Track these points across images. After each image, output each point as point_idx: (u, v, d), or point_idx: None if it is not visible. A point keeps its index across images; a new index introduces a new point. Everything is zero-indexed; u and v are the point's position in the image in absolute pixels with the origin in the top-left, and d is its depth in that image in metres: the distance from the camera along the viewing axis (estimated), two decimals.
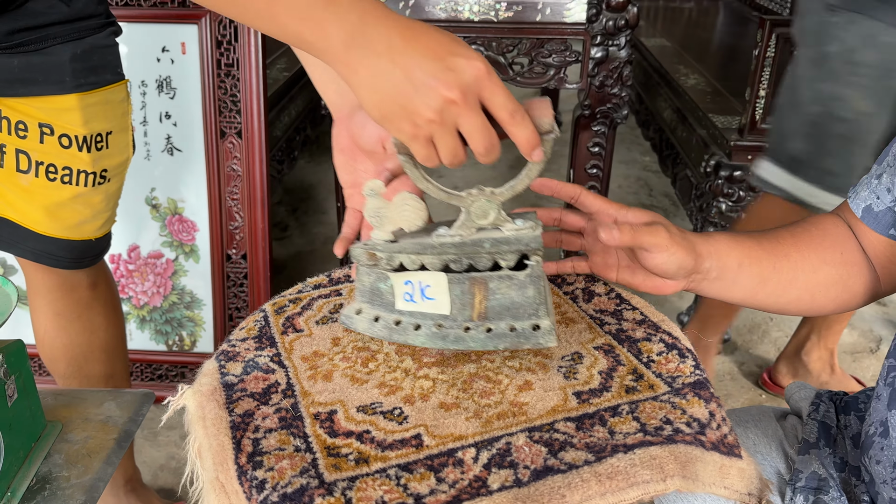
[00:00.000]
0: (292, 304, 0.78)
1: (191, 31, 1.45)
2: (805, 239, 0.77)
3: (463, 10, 1.57)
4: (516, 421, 0.60)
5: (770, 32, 1.47)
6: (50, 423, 0.91)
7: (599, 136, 1.68)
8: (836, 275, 0.77)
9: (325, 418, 0.61)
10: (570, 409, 0.61)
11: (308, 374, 0.67)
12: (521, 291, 0.64)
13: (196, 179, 1.52)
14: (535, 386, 0.64)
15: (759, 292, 0.75)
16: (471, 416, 0.61)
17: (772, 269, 0.74)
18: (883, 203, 0.75)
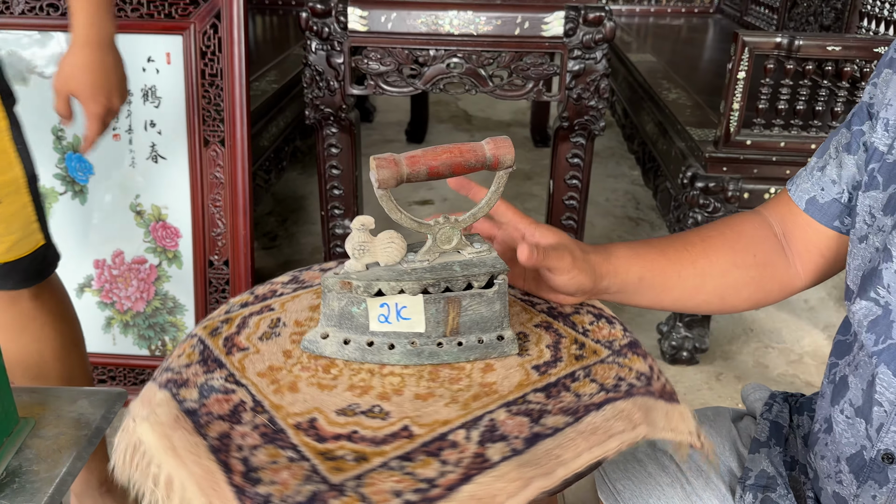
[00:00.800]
0: (226, 325, 0.75)
1: (176, 42, 1.49)
2: (716, 243, 0.79)
3: (443, 24, 1.60)
4: (491, 399, 0.63)
5: (743, 47, 1.51)
6: (23, 419, 0.93)
7: (578, 147, 1.72)
8: (748, 277, 0.79)
9: (308, 427, 0.60)
10: (534, 382, 0.66)
11: (272, 388, 0.65)
12: (490, 307, 0.69)
13: (180, 187, 1.55)
14: (496, 366, 0.68)
15: (665, 298, 0.79)
16: (448, 401, 0.63)
17: (676, 278, 0.78)
18: (828, 195, 0.76)
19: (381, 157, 0.65)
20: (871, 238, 0.68)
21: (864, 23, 2.21)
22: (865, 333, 0.67)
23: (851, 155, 0.74)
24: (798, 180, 0.80)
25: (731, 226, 0.81)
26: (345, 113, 1.71)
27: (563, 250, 0.70)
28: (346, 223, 1.87)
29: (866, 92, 0.74)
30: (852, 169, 0.74)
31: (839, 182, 0.75)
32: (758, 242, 0.79)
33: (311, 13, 1.60)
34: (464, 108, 4.02)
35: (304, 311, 0.77)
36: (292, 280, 0.83)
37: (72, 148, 1.56)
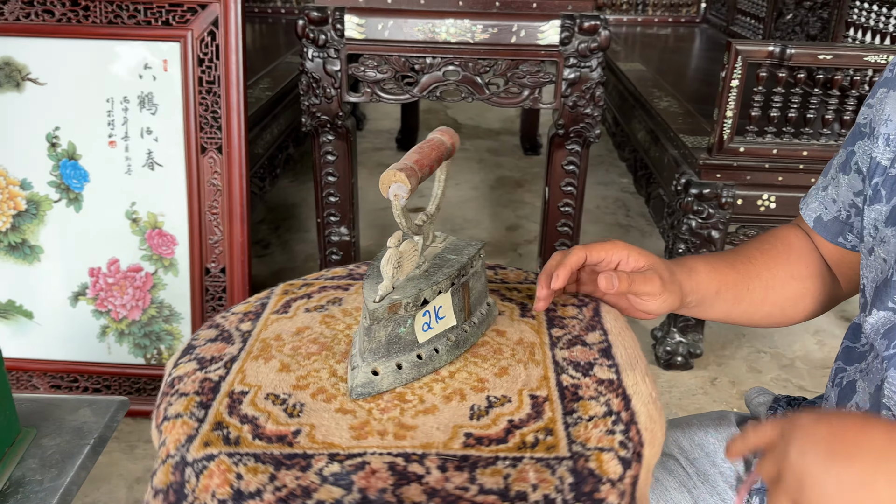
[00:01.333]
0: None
1: (173, 49, 1.49)
2: (773, 256, 0.81)
3: (440, 32, 1.61)
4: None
5: (736, 55, 1.53)
6: (25, 428, 0.92)
7: (573, 154, 1.73)
8: (804, 288, 0.81)
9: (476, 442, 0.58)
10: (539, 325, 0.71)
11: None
12: (479, 280, 0.74)
13: (176, 194, 1.54)
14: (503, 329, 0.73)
15: (734, 312, 0.81)
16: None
17: (745, 291, 0.79)
18: (830, 213, 0.79)
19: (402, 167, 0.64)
20: (876, 250, 0.70)
21: (850, 32, 2.25)
22: (880, 340, 0.68)
23: (846, 175, 0.77)
24: (808, 199, 0.83)
25: (781, 239, 0.83)
26: (341, 120, 1.71)
27: (651, 274, 0.71)
28: (342, 230, 1.86)
29: (861, 113, 0.76)
30: (846, 189, 0.77)
31: (837, 201, 0.78)
32: (807, 254, 0.82)
33: (307, 21, 1.60)
34: (453, 116, 4.03)
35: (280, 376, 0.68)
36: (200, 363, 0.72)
37: (66, 155, 1.55)
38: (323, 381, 0.66)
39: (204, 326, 0.75)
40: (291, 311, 0.77)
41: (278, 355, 0.69)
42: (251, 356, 0.69)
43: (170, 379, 0.67)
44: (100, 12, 1.49)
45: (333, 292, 0.81)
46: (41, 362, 1.61)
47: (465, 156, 3.40)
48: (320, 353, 0.70)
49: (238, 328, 0.74)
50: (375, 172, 3.15)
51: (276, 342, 0.71)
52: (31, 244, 1.58)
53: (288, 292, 0.81)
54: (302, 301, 0.79)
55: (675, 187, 1.72)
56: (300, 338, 0.72)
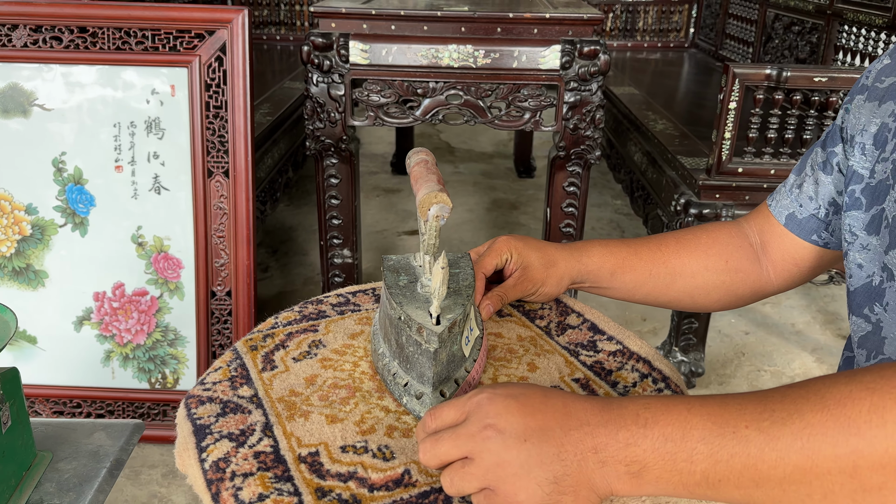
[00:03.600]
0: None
1: (181, 74, 1.50)
2: (690, 246, 0.84)
3: (443, 57, 1.64)
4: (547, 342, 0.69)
5: (734, 78, 1.56)
6: (40, 452, 0.92)
7: (574, 176, 1.75)
8: (719, 280, 0.84)
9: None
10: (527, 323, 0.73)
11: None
12: None
13: (183, 218, 1.55)
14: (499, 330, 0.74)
15: (636, 293, 0.85)
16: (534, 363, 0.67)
17: (647, 275, 0.83)
18: (806, 211, 0.79)
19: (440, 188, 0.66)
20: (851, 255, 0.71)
21: (839, 55, 2.30)
22: (857, 349, 0.69)
23: (827, 175, 0.77)
24: (778, 196, 0.84)
25: (708, 231, 0.86)
26: (345, 144, 1.73)
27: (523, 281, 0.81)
28: (344, 252, 1.87)
29: (839, 116, 0.77)
30: (829, 187, 0.77)
31: (815, 199, 0.79)
32: (731, 250, 0.84)
33: (312, 46, 1.63)
34: (446, 140, 4.07)
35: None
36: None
37: (73, 180, 1.55)
38: (385, 419, 0.65)
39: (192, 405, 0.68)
40: (280, 366, 0.73)
41: (314, 409, 0.66)
42: (285, 418, 0.65)
43: (211, 465, 0.60)
44: (108, 38, 1.50)
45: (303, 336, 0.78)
46: (45, 388, 1.61)
47: (460, 179, 3.42)
48: (354, 395, 0.68)
49: (239, 396, 0.69)
50: (371, 196, 3.17)
51: (297, 398, 0.68)
52: (36, 269, 1.58)
53: (257, 348, 0.76)
54: (280, 352, 0.75)
55: (675, 208, 1.75)
56: (319, 387, 0.69)
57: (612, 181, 3.14)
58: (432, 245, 0.68)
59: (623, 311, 2.19)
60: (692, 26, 3.51)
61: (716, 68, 3.09)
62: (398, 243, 2.70)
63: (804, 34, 2.54)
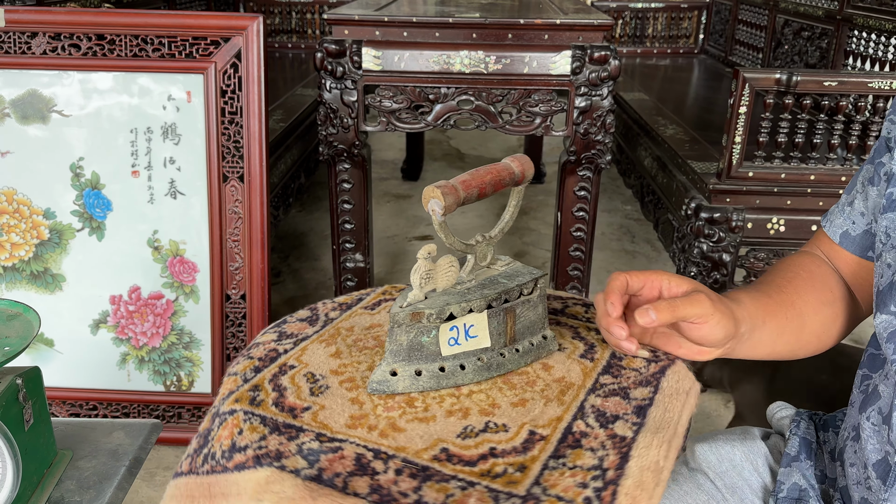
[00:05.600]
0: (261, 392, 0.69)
1: (196, 81, 1.53)
2: (799, 284, 0.81)
3: (454, 63, 1.66)
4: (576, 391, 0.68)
5: (744, 83, 1.57)
6: (61, 451, 0.93)
7: (585, 180, 1.77)
8: (833, 312, 0.82)
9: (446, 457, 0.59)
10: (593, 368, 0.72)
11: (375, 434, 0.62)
12: (535, 310, 0.74)
13: (198, 222, 1.57)
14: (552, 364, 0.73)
15: (778, 344, 0.78)
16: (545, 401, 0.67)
17: (785, 320, 0.78)
18: (859, 227, 0.81)
19: (441, 185, 0.68)
20: (884, 255, 0.72)
21: (849, 60, 2.31)
22: (886, 344, 0.70)
23: (874, 186, 0.79)
24: (831, 216, 0.85)
25: (802, 266, 0.83)
26: (357, 149, 1.75)
27: (699, 295, 0.67)
28: (357, 257, 1.89)
29: (884, 127, 0.79)
30: (876, 199, 0.78)
31: (867, 213, 0.80)
32: (827, 279, 0.83)
33: (326, 53, 1.65)
34: (456, 146, 4.09)
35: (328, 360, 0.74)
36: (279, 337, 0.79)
37: (90, 185, 1.58)
38: (358, 371, 0.71)
39: (305, 308, 0.82)
40: (377, 310, 0.82)
41: (340, 343, 0.75)
42: (320, 339, 0.75)
43: (252, 343, 0.75)
44: (125, 46, 1.53)
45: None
46: (61, 390, 1.63)
47: None
48: (373, 349, 0.74)
49: (328, 315, 0.80)
50: (382, 202, 3.19)
51: (346, 331, 0.77)
52: (53, 273, 1.61)
53: (386, 293, 0.87)
54: (390, 303, 0.83)
55: (686, 212, 1.75)
56: (367, 332, 0.77)
57: (622, 186, 3.14)
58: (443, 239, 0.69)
59: None
60: (702, 32, 3.52)
61: (725, 74, 3.09)
62: (409, 248, 2.72)
63: (814, 39, 2.54)
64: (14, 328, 0.85)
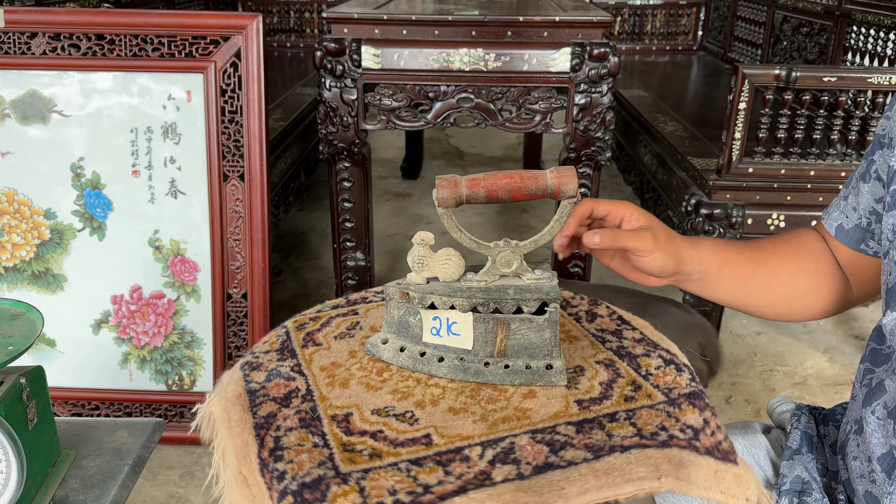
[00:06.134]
0: (312, 322, 0.84)
1: (196, 80, 1.53)
2: (784, 249, 0.85)
3: (454, 61, 1.66)
4: (520, 424, 0.65)
5: (743, 79, 1.57)
6: (64, 450, 0.94)
7: (585, 177, 1.77)
8: (811, 283, 0.84)
9: (342, 419, 0.66)
10: (571, 415, 0.66)
11: (326, 381, 0.72)
12: (539, 334, 0.71)
13: (199, 221, 1.57)
14: (539, 394, 0.69)
15: (738, 293, 0.84)
16: (477, 419, 0.66)
17: (750, 275, 0.83)
18: (851, 221, 0.82)
19: (443, 177, 0.68)
20: (891, 253, 0.73)
21: (848, 56, 2.31)
22: None
23: (866, 183, 0.80)
24: (830, 209, 0.87)
25: (796, 237, 0.87)
26: (357, 148, 1.75)
27: (643, 232, 0.74)
28: (357, 255, 1.89)
29: (879, 124, 0.80)
30: (867, 196, 0.80)
31: (858, 209, 0.82)
32: (819, 253, 0.85)
33: (325, 52, 1.65)
34: (455, 144, 4.09)
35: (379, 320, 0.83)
36: (382, 290, 0.90)
37: (91, 185, 1.58)
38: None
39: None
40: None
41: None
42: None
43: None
44: (125, 45, 1.53)
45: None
46: (63, 390, 1.63)
47: None
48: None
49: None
50: (382, 201, 3.19)
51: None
52: (55, 273, 1.61)
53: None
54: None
55: (686, 208, 1.76)
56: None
57: (622, 184, 3.14)
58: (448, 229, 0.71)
59: None
60: (700, 29, 3.52)
61: (724, 70, 3.09)
62: (409, 247, 2.72)
63: (812, 35, 2.54)
64: (17, 328, 0.85)
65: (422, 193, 3.30)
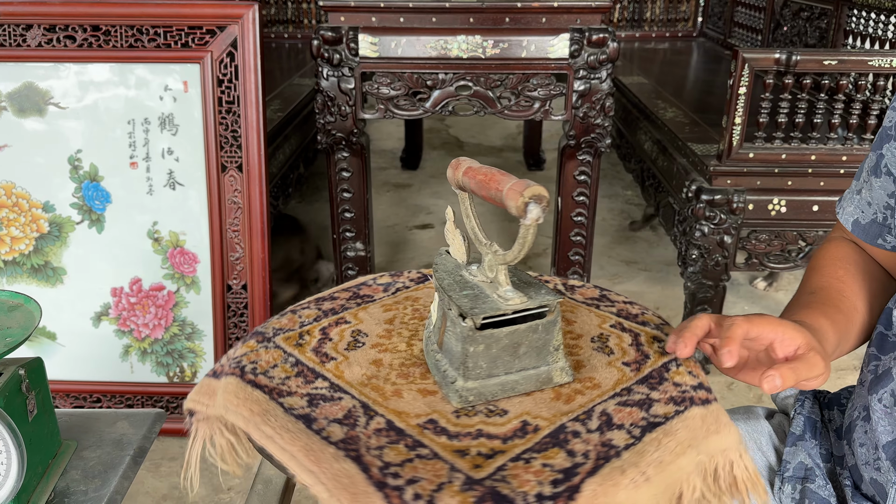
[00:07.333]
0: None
1: (193, 70, 1.52)
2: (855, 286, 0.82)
3: (452, 48, 1.65)
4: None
5: (743, 63, 1.56)
6: (65, 442, 0.93)
7: (585, 164, 1.76)
8: (881, 301, 0.83)
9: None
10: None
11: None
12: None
13: (198, 213, 1.57)
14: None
15: (844, 348, 0.81)
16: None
17: (850, 327, 0.80)
18: (867, 216, 0.81)
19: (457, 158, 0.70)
20: None
21: (849, 40, 2.29)
22: None
23: (878, 178, 0.79)
24: (843, 203, 0.85)
25: (847, 260, 0.84)
26: (356, 137, 1.75)
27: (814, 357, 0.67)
28: (357, 245, 1.89)
29: (887, 116, 0.79)
30: (879, 192, 0.79)
31: (872, 204, 0.81)
32: (871, 268, 0.84)
33: (322, 41, 1.64)
34: (455, 134, 4.07)
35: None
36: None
37: (88, 177, 1.57)
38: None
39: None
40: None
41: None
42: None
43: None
44: (120, 36, 1.52)
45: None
46: (65, 383, 1.63)
47: None
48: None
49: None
50: (381, 191, 3.18)
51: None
52: (54, 266, 1.61)
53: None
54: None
55: (686, 194, 1.75)
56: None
57: (622, 172, 3.14)
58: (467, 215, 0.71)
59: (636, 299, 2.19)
60: (700, 15, 3.50)
61: (724, 56, 3.08)
62: (410, 237, 2.71)
63: (813, 20, 2.53)
64: (15, 319, 0.85)
65: (422, 184, 3.29)
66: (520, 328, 0.64)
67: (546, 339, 0.66)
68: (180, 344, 1.62)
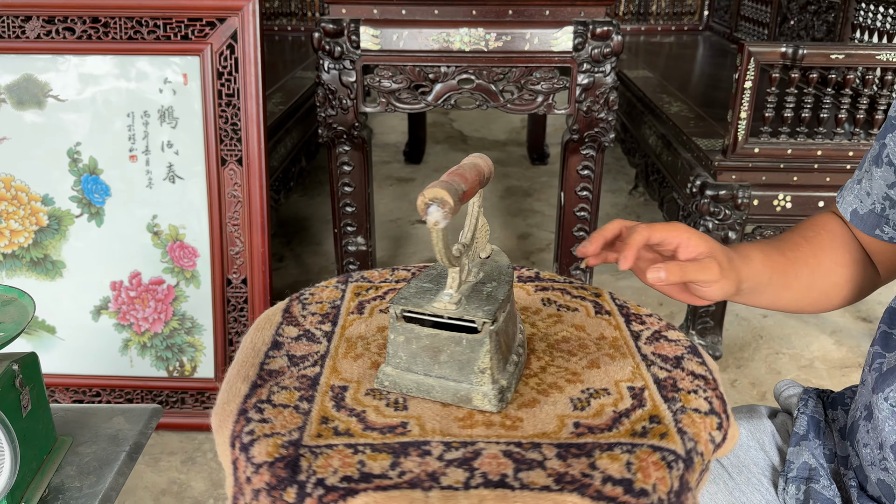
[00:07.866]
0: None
1: (193, 63, 1.50)
2: (818, 243, 0.82)
3: (454, 41, 1.63)
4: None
5: (749, 57, 1.54)
6: (60, 437, 0.93)
7: (588, 159, 1.74)
8: (847, 274, 0.82)
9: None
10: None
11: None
12: None
13: (197, 206, 1.56)
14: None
15: (782, 298, 0.81)
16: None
17: (794, 277, 0.80)
18: (865, 206, 0.80)
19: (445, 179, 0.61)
20: None
21: (856, 34, 2.27)
22: None
23: (879, 168, 0.78)
24: (844, 192, 0.84)
25: (824, 226, 0.84)
26: (357, 131, 1.73)
27: (709, 262, 0.70)
28: (358, 240, 1.88)
29: (893, 106, 0.77)
30: (879, 182, 0.78)
31: (872, 194, 0.79)
32: (848, 241, 0.83)
33: (323, 33, 1.62)
34: (459, 128, 4.05)
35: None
36: None
37: (88, 170, 1.56)
38: None
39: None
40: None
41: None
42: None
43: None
44: (119, 28, 1.51)
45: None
46: (64, 377, 1.62)
47: None
48: None
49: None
50: (384, 185, 3.17)
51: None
52: (53, 259, 1.60)
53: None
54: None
55: (691, 190, 1.73)
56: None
57: (627, 167, 3.12)
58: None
59: (639, 296, 2.18)
60: (706, 9, 3.47)
61: (730, 50, 3.05)
62: (412, 232, 2.70)
63: (820, 13, 2.50)
64: (9, 313, 0.84)
65: (425, 178, 3.27)
66: (441, 334, 0.62)
67: (470, 356, 0.62)
68: (180, 338, 1.61)
